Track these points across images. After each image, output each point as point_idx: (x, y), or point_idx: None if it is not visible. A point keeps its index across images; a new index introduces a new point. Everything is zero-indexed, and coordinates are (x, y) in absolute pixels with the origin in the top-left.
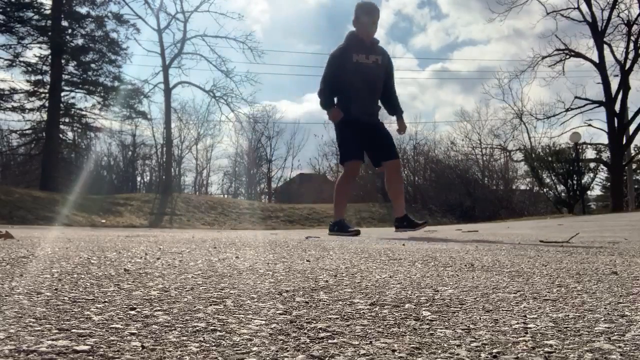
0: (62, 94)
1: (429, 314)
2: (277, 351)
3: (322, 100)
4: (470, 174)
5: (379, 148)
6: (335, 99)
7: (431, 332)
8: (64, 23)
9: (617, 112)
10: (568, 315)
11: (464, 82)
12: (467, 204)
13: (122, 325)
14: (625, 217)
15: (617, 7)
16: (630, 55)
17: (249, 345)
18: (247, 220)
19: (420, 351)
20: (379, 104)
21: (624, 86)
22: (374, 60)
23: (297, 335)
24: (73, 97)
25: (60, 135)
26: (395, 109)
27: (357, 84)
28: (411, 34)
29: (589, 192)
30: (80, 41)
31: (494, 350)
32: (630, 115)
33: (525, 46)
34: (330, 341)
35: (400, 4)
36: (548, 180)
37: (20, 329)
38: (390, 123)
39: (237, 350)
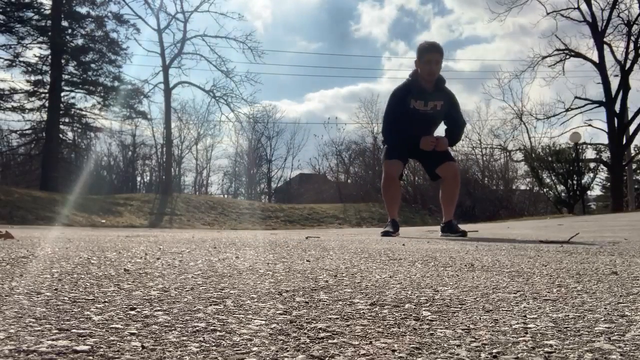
0: (62, 94)
1: (429, 314)
2: (277, 351)
3: (384, 140)
4: (470, 174)
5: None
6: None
7: (431, 332)
8: (64, 23)
9: (617, 112)
10: (568, 315)
11: (467, 81)
12: (467, 204)
13: (122, 325)
14: (625, 217)
15: (617, 7)
16: (630, 55)
17: (249, 345)
18: (247, 221)
19: (420, 351)
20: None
21: (624, 86)
22: (432, 107)
23: (297, 335)
24: (73, 97)
25: (60, 135)
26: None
27: (410, 127)
28: (414, 30)
29: (589, 192)
30: (80, 41)
31: (494, 350)
32: (630, 115)
33: (529, 44)
34: (330, 341)
35: None
36: (548, 180)
37: (20, 329)
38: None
39: (237, 350)
